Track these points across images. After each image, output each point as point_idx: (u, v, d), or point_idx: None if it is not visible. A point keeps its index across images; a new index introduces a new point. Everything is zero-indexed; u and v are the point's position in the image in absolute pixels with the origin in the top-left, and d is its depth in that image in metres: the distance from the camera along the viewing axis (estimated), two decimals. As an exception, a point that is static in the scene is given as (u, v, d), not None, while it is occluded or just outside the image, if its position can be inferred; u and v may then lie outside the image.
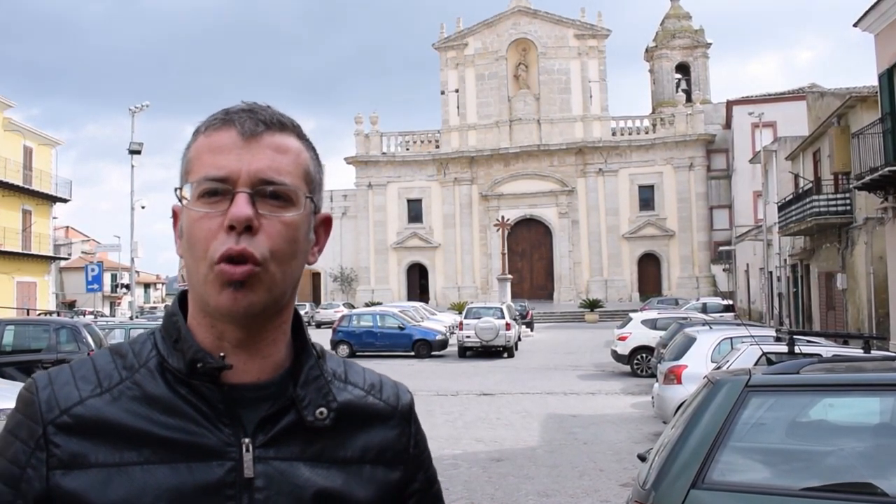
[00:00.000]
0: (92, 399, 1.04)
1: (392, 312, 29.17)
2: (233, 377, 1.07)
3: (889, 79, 19.34)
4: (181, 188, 1.08)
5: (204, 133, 1.09)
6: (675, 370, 11.76)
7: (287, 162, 1.08)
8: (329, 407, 1.11)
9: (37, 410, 1.03)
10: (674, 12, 63.23)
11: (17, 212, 38.51)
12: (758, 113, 37.73)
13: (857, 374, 4.11)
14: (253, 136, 1.06)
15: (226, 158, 1.05)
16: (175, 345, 1.08)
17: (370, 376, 1.22)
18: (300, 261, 1.10)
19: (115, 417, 1.03)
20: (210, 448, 1.04)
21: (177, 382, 1.06)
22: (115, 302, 61.97)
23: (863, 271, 23.18)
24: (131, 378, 1.06)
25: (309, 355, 1.14)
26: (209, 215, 1.04)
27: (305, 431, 1.09)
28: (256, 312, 1.05)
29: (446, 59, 59.04)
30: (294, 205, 1.07)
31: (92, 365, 1.09)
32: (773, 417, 3.93)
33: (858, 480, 3.53)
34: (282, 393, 1.09)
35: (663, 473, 3.60)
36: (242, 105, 1.10)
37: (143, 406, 1.04)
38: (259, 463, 1.05)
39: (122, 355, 1.09)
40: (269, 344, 1.10)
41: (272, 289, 1.06)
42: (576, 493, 8.72)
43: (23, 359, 14.19)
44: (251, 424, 1.06)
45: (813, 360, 4.31)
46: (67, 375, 1.07)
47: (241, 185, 1.04)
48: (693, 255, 54.30)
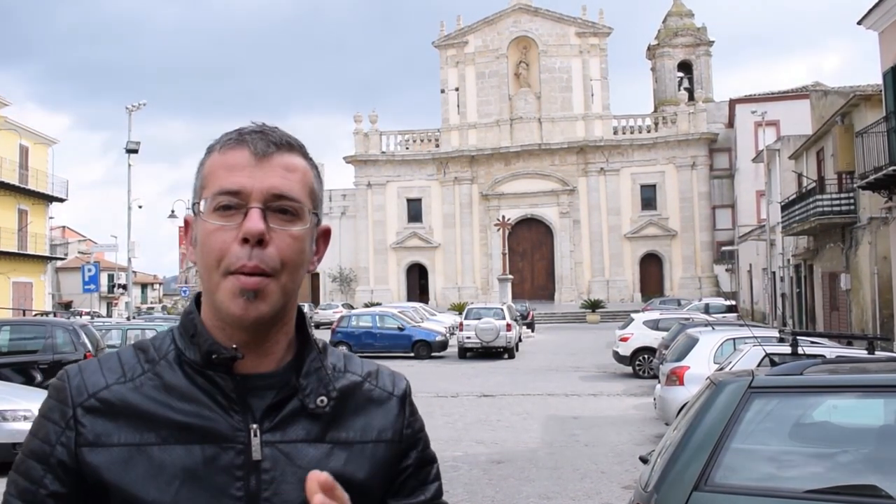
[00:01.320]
0: (117, 386, 1.16)
1: (391, 313, 29.31)
2: (242, 368, 1.17)
3: (893, 77, 19.43)
4: (198, 202, 1.19)
5: (219, 151, 1.20)
6: (677, 371, 11.80)
7: (295, 180, 1.19)
8: (329, 395, 1.22)
9: (67, 395, 1.16)
10: (676, 10, 63.17)
11: (13, 211, 38.54)
12: (761, 112, 37.90)
13: (861, 376, 4.09)
14: (265, 155, 1.17)
15: (240, 175, 1.16)
16: (192, 339, 1.19)
17: (368, 366, 1.33)
18: (304, 270, 1.21)
19: (137, 402, 1.15)
20: (222, 432, 1.14)
21: (193, 373, 1.17)
22: (112, 302, 62.04)
23: (867, 271, 23.33)
24: (153, 369, 1.18)
25: (311, 349, 1.25)
26: (224, 228, 1.14)
27: (308, 417, 1.20)
28: (265, 321, 1.16)
29: (446, 58, 59.00)
30: (301, 219, 1.18)
31: (118, 358, 1.21)
32: (777, 419, 3.93)
33: (862, 483, 3.52)
34: (286, 382, 1.20)
35: (665, 475, 3.62)
36: (254, 126, 1.21)
37: (162, 393, 1.16)
38: (266, 446, 1.15)
39: (145, 350, 1.22)
40: (273, 343, 1.21)
41: (281, 297, 1.16)
42: (577, 496, 8.75)
43: (19, 360, 14.19)
44: (259, 411, 1.17)
45: (816, 361, 4.28)
46: (95, 366, 1.20)
47: (254, 201, 1.14)
48: (695, 255, 54.29)
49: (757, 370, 4.22)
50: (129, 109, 33.47)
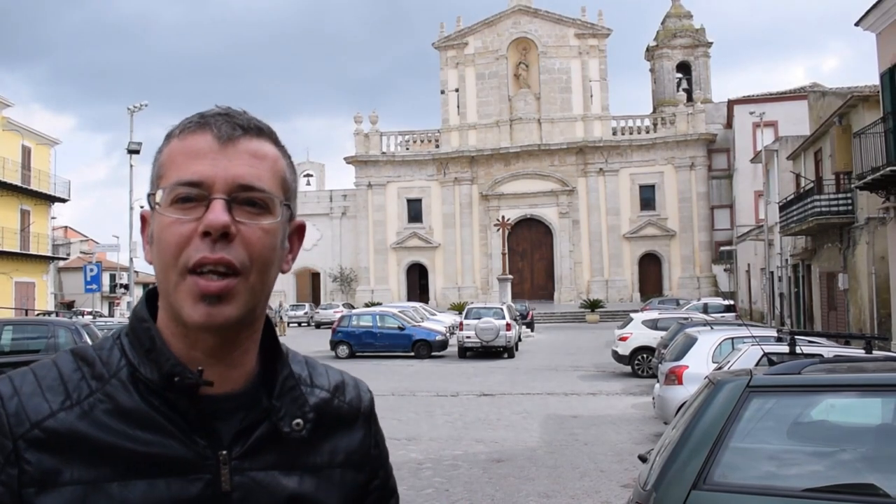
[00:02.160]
0: (63, 413, 0.99)
1: (392, 313, 29.26)
2: (207, 388, 1.04)
3: (891, 78, 19.42)
4: (153, 193, 1.05)
5: (178, 137, 1.06)
6: (676, 371, 11.77)
7: (265, 168, 1.06)
8: (305, 418, 1.11)
9: (4, 423, 0.98)
10: (675, 11, 63.19)
11: (16, 212, 38.67)
12: (759, 112, 38.03)
13: (858, 375, 4.09)
14: (230, 140, 1.04)
15: (201, 163, 1.02)
16: (147, 354, 1.04)
17: (333, 376, 1.21)
18: (276, 269, 1.08)
19: (88, 432, 0.98)
20: (187, 461, 1.01)
21: (150, 393, 1.02)
22: (114, 302, 61.88)
23: (864, 271, 23.25)
24: (102, 390, 1.02)
25: (283, 365, 1.13)
26: (181, 221, 1.01)
27: (280, 441, 1.08)
28: (232, 325, 1.03)
29: (446, 59, 59.09)
30: (271, 212, 1.05)
31: (57, 372, 1.03)
32: (775, 418, 3.92)
33: (860, 481, 3.52)
34: (255, 403, 1.08)
35: (664, 474, 3.61)
36: (218, 109, 1.07)
37: (116, 420, 1.00)
38: (236, 475, 1.03)
39: (90, 363, 1.04)
40: (242, 353, 1.08)
41: (250, 299, 1.04)
42: (576, 494, 8.73)
43: (21, 360, 13.88)
44: (227, 436, 1.05)
45: (814, 360, 4.29)
46: (33, 384, 1.01)
47: (218, 191, 1.01)
48: (694, 255, 54.40)
49: (755, 369, 4.19)
50: (131, 110, 33.48)
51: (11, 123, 38.27)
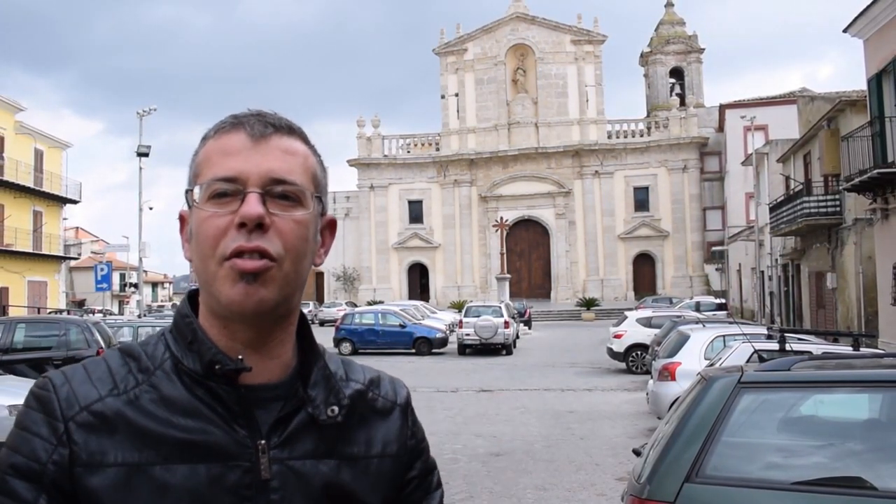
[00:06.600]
0: (110, 398, 1.03)
1: (393, 311, 29.29)
2: (246, 378, 1.07)
3: (878, 83, 19.38)
4: (191, 190, 1.08)
5: (213, 137, 1.10)
6: (669, 367, 11.76)
7: (296, 163, 1.09)
8: (340, 404, 1.13)
9: (56, 407, 1.01)
10: (668, 18, 63.49)
11: (28, 213, 38.69)
12: (750, 116, 37.99)
13: (846, 371, 4.13)
14: (262, 137, 1.07)
15: (236, 160, 1.05)
16: (190, 346, 1.07)
17: (368, 373, 1.24)
18: (309, 261, 1.11)
19: (133, 417, 1.02)
20: (227, 449, 1.04)
21: (193, 384, 1.05)
22: (124, 301, 62.12)
23: (852, 271, 23.24)
24: (147, 381, 1.05)
25: (318, 356, 1.16)
26: (218, 214, 1.04)
27: (317, 430, 1.10)
28: (267, 310, 1.05)
29: (446, 64, 59.48)
30: (303, 205, 1.08)
31: (106, 366, 1.07)
32: (765, 413, 3.96)
33: (848, 475, 3.53)
34: (292, 393, 1.11)
35: (658, 467, 3.65)
36: (250, 111, 1.11)
37: (160, 408, 1.03)
38: (274, 464, 1.06)
39: (136, 357, 1.08)
40: (278, 344, 1.11)
41: (284, 286, 1.06)
42: (573, 487, 8.78)
43: (34, 356, 14.25)
44: (265, 425, 1.07)
45: (804, 357, 4.30)
46: (83, 375, 1.06)
47: (252, 185, 1.04)
48: (687, 255, 54.81)
49: (746, 366, 4.19)
50: (140, 114, 33.80)
51: (24, 127, 38.29)
